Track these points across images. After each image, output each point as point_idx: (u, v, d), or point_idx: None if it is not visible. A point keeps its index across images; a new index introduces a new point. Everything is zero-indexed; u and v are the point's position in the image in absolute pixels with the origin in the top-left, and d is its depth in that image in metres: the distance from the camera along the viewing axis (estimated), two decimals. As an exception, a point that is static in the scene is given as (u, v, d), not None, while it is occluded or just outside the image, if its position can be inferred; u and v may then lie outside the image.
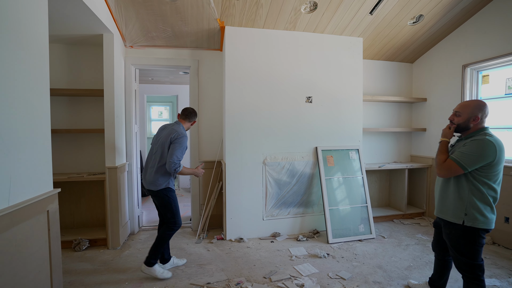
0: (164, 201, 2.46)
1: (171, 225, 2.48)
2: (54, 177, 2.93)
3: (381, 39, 3.68)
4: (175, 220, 2.48)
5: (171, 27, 3.10)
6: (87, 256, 2.86)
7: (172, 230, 2.48)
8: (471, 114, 1.73)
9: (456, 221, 1.73)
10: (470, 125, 1.74)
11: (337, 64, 3.53)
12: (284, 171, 3.41)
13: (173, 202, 2.48)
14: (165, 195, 2.46)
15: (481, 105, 1.74)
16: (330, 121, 3.54)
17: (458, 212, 1.73)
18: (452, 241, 1.78)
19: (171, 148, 2.37)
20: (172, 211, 2.47)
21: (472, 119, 1.73)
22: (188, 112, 2.61)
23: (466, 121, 1.75)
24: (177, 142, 2.37)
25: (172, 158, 2.34)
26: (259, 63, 3.29)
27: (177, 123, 2.55)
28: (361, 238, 3.29)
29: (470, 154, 1.64)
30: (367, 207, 3.47)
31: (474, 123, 1.74)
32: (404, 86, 4.33)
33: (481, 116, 1.72)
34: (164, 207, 2.48)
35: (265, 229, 3.39)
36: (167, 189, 2.46)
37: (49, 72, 3.17)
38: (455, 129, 1.82)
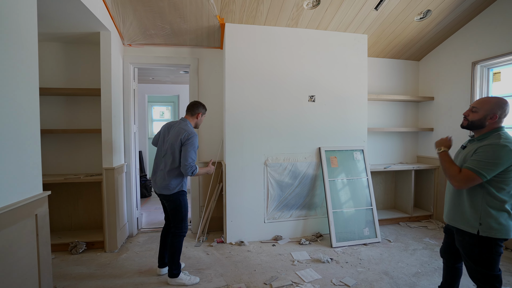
0: (176, 204, 2.35)
1: (178, 231, 2.37)
2: (50, 178, 2.89)
3: (386, 36, 3.56)
4: (182, 225, 2.38)
5: (170, 25, 3.02)
6: (83, 260, 2.79)
7: (179, 236, 2.37)
8: (489, 112, 1.58)
9: (470, 231, 1.59)
10: (486, 123, 1.59)
11: (341, 62, 3.42)
12: (286, 172, 3.31)
13: (184, 206, 2.37)
14: (177, 199, 2.34)
15: (502, 103, 1.57)
16: (334, 120, 3.43)
17: (472, 221, 1.59)
18: (466, 249, 1.63)
19: (184, 150, 2.24)
20: (181, 215, 2.37)
21: (490, 117, 1.58)
22: (190, 105, 2.47)
23: (483, 118, 1.59)
24: (189, 144, 2.24)
25: (187, 161, 2.22)
26: (260, 61, 3.20)
27: (183, 120, 2.42)
28: (366, 242, 3.17)
29: (487, 161, 1.50)
30: (372, 209, 3.35)
31: (491, 121, 1.58)
32: (410, 84, 4.20)
33: (499, 114, 1.57)
34: (175, 211, 2.36)
35: (267, 232, 3.29)
36: (180, 193, 2.35)
37: (47, 72, 3.16)
38: (467, 126, 1.67)
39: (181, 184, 2.36)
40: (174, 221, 2.38)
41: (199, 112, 2.46)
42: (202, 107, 2.48)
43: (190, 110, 2.46)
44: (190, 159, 2.23)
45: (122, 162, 3.25)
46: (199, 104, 2.48)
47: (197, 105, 2.46)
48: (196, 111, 2.45)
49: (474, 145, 1.63)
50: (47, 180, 2.86)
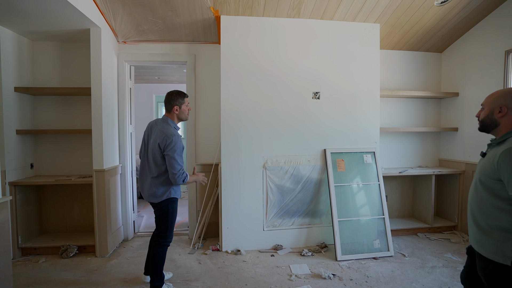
0: (163, 212, 2.15)
1: (162, 240, 2.18)
2: (41, 180, 2.83)
3: (402, 25, 3.18)
4: (167, 234, 2.18)
5: (162, 19, 2.85)
6: (72, 264, 2.69)
7: (162, 246, 2.18)
8: (494, 104, 1.30)
9: (500, 261, 1.22)
10: (497, 119, 1.31)
11: (349, 55, 3.09)
12: (288, 176, 3.04)
13: (170, 214, 2.16)
14: (165, 206, 2.15)
15: (508, 92, 1.29)
16: (341, 119, 3.11)
17: (502, 248, 1.22)
18: (489, 280, 1.28)
19: (167, 158, 2.03)
20: (167, 224, 2.17)
21: (497, 110, 1.29)
22: (165, 100, 2.17)
23: (490, 114, 1.33)
24: (170, 150, 2.01)
25: (175, 169, 2.02)
26: (259, 56, 2.96)
27: (164, 119, 2.16)
28: (376, 256, 2.83)
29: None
30: (384, 219, 3.00)
31: (500, 115, 1.29)
32: (431, 79, 3.77)
33: (508, 106, 1.26)
34: (161, 219, 2.17)
35: (266, 240, 3.04)
36: (169, 200, 2.15)
37: (41, 71, 3.10)
38: (481, 128, 1.40)
39: (169, 191, 2.14)
40: (158, 229, 2.20)
41: (174, 105, 2.13)
42: (176, 98, 2.13)
43: (166, 106, 2.18)
44: (177, 166, 2.03)
45: (115, 163, 3.14)
46: (173, 95, 2.14)
47: (170, 98, 2.14)
48: (170, 105, 2.14)
49: (494, 150, 1.28)
50: (38, 181, 2.80)
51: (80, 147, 3.17)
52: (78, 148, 3.17)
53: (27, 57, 2.99)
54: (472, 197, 1.38)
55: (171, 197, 2.15)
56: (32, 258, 2.81)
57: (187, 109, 2.20)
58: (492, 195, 1.25)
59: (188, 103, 2.23)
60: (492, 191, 1.25)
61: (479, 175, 1.32)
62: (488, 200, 1.27)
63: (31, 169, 3.05)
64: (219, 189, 3.07)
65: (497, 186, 1.22)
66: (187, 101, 2.21)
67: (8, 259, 1.58)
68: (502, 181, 1.20)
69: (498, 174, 1.20)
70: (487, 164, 1.28)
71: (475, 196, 1.35)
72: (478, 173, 1.34)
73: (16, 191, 2.79)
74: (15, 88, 2.82)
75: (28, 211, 2.97)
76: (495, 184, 1.23)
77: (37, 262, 2.74)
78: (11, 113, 2.79)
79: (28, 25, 2.65)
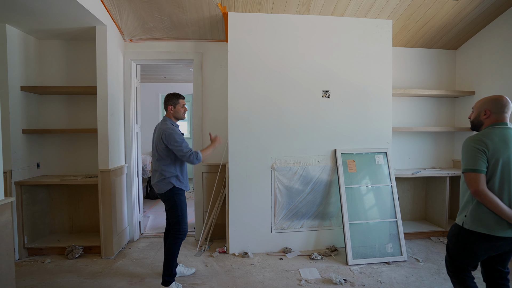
0: (171, 204, 2.24)
1: (175, 233, 2.24)
2: (46, 180, 2.80)
3: (415, 21, 3.07)
4: (179, 227, 2.24)
5: (169, 16, 2.80)
6: (77, 266, 2.65)
7: (177, 239, 2.23)
8: (481, 109, 1.61)
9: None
10: (482, 120, 1.61)
11: (361, 52, 2.99)
12: (297, 177, 2.96)
13: (179, 206, 2.24)
14: (171, 197, 2.23)
15: (494, 98, 1.58)
16: (352, 119, 3.01)
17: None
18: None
19: (172, 148, 2.17)
20: (177, 216, 2.23)
21: (483, 113, 1.60)
22: (164, 101, 2.35)
23: (477, 116, 1.64)
24: (172, 140, 2.15)
25: (183, 151, 2.15)
26: (267, 53, 2.88)
27: (163, 120, 2.32)
28: (389, 261, 2.72)
29: (465, 154, 1.55)
30: (396, 222, 2.89)
31: (485, 117, 1.59)
32: (445, 77, 3.64)
33: (491, 109, 1.56)
34: (170, 211, 2.27)
35: (274, 243, 2.96)
36: (173, 190, 2.22)
37: (48, 70, 3.07)
38: (471, 127, 1.71)
39: (172, 181, 2.21)
40: (172, 222, 2.27)
41: (168, 105, 2.30)
42: (171, 98, 2.30)
43: (164, 107, 2.35)
44: (184, 149, 2.16)
45: (121, 163, 3.10)
46: (169, 96, 2.31)
47: (166, 99, 2.31)
48: (166, 105, 2.31)
49: None
50: (43, 181, 2.78)
51: (86, 146, 3.14)
52: (84, 147, 3.14)
53: (33, 56, 2.97)
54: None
55: (175, 187, 2.21)
56: (38, 259, 2.78)
57: (182, 109, 2.31)
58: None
59: (184, 104, 2.33)
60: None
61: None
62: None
63: (37, 169, 3.03)
64: (226, 190, 3.00)
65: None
66: (183, 102, 2.32)
67: (11, 262, 1.54)
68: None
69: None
70: None
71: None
72: None
73: (22, 191, 2.76)
74: (21, 87, 2.80)
75: (34, 210, 2.94)
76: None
77: (43, 262, 2.71)
78: (18, 112, 2.77)
79: (34, 24, 2.63)
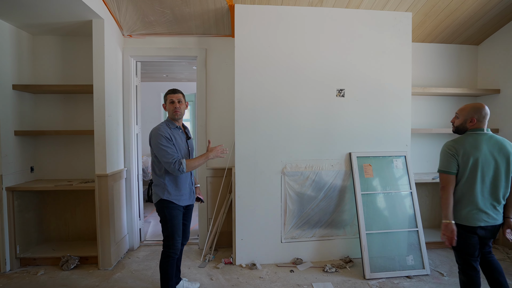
0: (161, 216, 2.02)
1: (165, 248, 2.00)
2: (40, 185, 2.61)
3: (436, 14, 2.84)
4: (168, 243, 1.99)
5: (170, 9, 2.59)
6: (72, 278, 2.46)
7: (167, 256, 1.98)
8: (467, 116, 1.77)
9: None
10: (467, 126, 1.78)
11: (378, 48, 2.77)
12: (309, 182, 2.74)
13: (169, 220, 1.98)
14: (160, 210, 2.00)
15: (478, 108, 1.75)
16: (368, 120, 2.79)
17: None
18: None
19: (155, 152, 1.96)
20: (167, 230, 1.99)
21: (469, 120, 1.76)
22: None
23: (464, 123, 1.79)
24: (153, 144, 1.95)
25: (165, 158, 1.89)
26: (277, 48, 2.66)
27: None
28: (410, 274, 2.50)
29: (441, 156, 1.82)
30: (417, 232, 2.67)
31: (471, 124, 1.77)
32: (465, 74, 3.40)
33: (477, 118, 1.74)
34: (161, 223, 2.03)
35: (284, 253, 2.75)
36: (163, 204, 1.98)
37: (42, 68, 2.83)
38: (455, 131, 1.85)
39: (161, 192, 1.98)
40: (163, 235, 2.03)
41: (162, 104, 2.12)
42: (164, 96, 2.11)
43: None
44: (166, 156, 1.89)
45: (120, 167, 2.90)
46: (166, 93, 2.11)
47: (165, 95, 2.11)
48: (162, 105, 2.14)
49: None
50: (36, 187, 2.58)
51: (83, 149, 2.94)
52: (81, 150, 2.95)
53: (26, 52, 2.77)
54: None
55: (164, 199, 1.97)
56: (30, 270, 2.59)
57: (171, 106, 2.03)
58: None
59: (173, 100, 2.02)
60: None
61: None
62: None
63: (31, 173, 2.84)
64: (232, 196, 2.79)
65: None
66: (171, 97, 2.04)
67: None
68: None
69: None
70: None
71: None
72: None
73: (14, 197, 2.57)
74: (13, 86, 2.61)
75: (28, 218, 2.75)
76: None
77: (36, 274, 2.52)
78: (9, 112, 2.58)
79: (27, 17, 2.44)
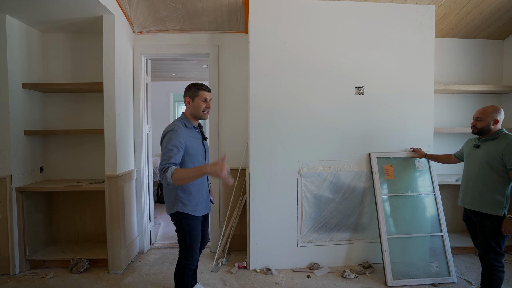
0: (178, 228, 1.83)
1: (181, 259, 1.84)
2: (49, 186, 2.55)
3: (461, 7, 2.69)
4: (186, 255, 1.82)
5: (183, 4, 2.50)
6: (81, 282, 2.38)
7: (182, 267, 1.82)
8: (492, 118, 1.92)
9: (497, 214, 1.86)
10: (492, 127, 1.93)
11: (398, 43, 2.64)
12: (326, 184, 2.62)
13: (187, 233, 1.79)
14: (178, 222, 1.81)
15: (498, 110, 1.93)
16: (389, 118, 2.65)
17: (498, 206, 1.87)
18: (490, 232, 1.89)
19: (161, 149, 1.75)
20: (185, 242, 1.81)
21: (494, 122, 1.92)
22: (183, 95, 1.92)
23: (488, 124, 1.93)
24: (163, 143, 1.73)
25: (161, 160, 1.67)
26: (293, 44, 2.55)
27: (179, 117, 1.90)
28: (435, 282, 2.36)
29: None
30: (442, 236, 2.52)
31: (495, 125, 1.93)
32: (490, 71, 3.23)
33: (499, 119, 1.92)
34: (178, 235, 1.84)
35: (300, 258, 2.63)
36: (181, 215, 1.79)
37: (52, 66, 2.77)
38: (478, 133, 1.99)
39: (177, 204, 1.77)
40: (179, 246, 1.86)
41: (185, 96, 1.86)
42: (190, 89, 1.85)
43: (184, 98, 1.90)
44: (161, 160, 1.66)
45: (130, 167, 2.82)
46: (189, 86, 1.86)
47: (186, 89, 1.87)
48: (184, 97, 1.88)
49: (491, 143, 1.93)
50: (45, 187, 2.52)
51: (92, 148, 2.88)
52: (91, 149, 2.88)
53: (36, 50, 2.72)
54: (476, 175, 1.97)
55: (179, 212, 1.77)
56: (40, 272, 2.53)
57: (203, 104, 1.82)
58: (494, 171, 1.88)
59: (206, 98, 1.84)
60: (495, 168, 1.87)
61: (481, 159, 1.93)
62: (490, 175, 1.89)
63: (41, 173, 2.78)
64: (246, 198, 2.69)
65: (499, 165, 1.85)
66: (205, 95, 1.83)
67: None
68: (503, 160, 1.83)
69: (502, 157, 1.84)
70: (485, 152, 1.92)
71: (480, 173, 1.94)
72: (479, 159, 1.94)
73: (23, 198, 2.52)
74: (23, 84, 2.56)
75: (37, 219, 2.70)
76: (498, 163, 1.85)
77: (45, 277, 2.45)
78: (19, 111, 2.52)
79: (36, 14, 2.37)
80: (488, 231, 1.89)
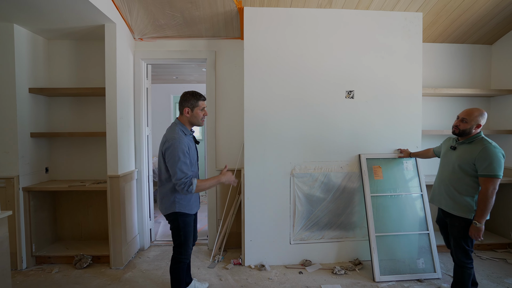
0: (174, 226, 1.95)
1: (177, 255, 1.96)
2: (55, 185, 2.68)
3: (448, 13, 2.79)
4: (181, 250, 1.95)
5: (180, 12, 2.63)
6: (85, 277, 2.52)
7: (178, 262, 1.95)
8: (476, 122, 1.93)
9: (467, 217, 1.93)
10: (472, 131, 1.94)
11: (387, 48, 2.75)
12: (318, 184, 2.74)
13: (182, 229, 1.92)
14: (174, 220, 1.93)
15: (483, 114, 1.94)
16: (378, 121, 2.77)
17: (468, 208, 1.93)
18: (460, 233, 1.98)
19: (168, 164, 1.83)
20: (180, 239, 1.93)
21: (476, 126, 1.93)
22: (179, 100, 1.96)
23: (471, 127, 1.94)
24: (169, 154, 1.80)
25: (177, 176, 1.78)
26: (286, 51, 2.67)
27: (173, 123, 1.96)
28: (421, 278, 2.47)
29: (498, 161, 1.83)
30: (428, 234, 2.63)
31: (476, 129, 1.95)
32: (478, 75, 3.33)
33: (482, 123, 1.94)
34: (173, 232, 1.96)
35: (293, 255, 2.75)
36: (178, 214, 1.91)
37: (56, 72, 2.94)
38: (459, 134, 2.00)
39: (175, 204, 1.89)
40: (173, 242, 1.99)
41: (185, 107, 1.91)
42: (189, 99, 1.90)
43: (179, 108, 1.96)
44: (179, 174, 1.78)
45: (131, 168, 2.95)
46: (186, 95, 1.91)
47: (183, 99, 1.92)
48: (182, 107, 1.92)
49: (467, 146, 1.96)
50: (50, 187, 2.66)
51: (95, 150, 3.01)
52: (94, 151, 3.02)
53: (42, 56, 2.86)
54: (448, 177, 2.03)
55: (177, 211, 1.90)
56: (45, 268, 2.67)
57: (201, 113, 1.93)
58: (466, 175, 1.93)
59: (205, 107, 1.96)
60: (467, 172, 1.92)
61: (455, 160, 1.98)
62: (463, 178, 1.94)
63: (46, 174, 2.92)
64: (241, 197, 2.81)
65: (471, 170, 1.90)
66: (203, 104, 1.94)
67: (8, 284, 1.39)
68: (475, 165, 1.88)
69: (475, 162, 1.88)
70: (460, 155, 1.96)
71: (452, 176, 2.01)
72: (454, 160, 2.00)
73: (30, 197, 2.66)
74: (29, 89, 2.70)
75: (43, 217, 2.84)
76: (470, 168, 1.90)
77: (50, 272, 2.59)
78: (26, 115, 2.66)
79: (42, 23, 2.51)
80: (458, 232, 1.96)
